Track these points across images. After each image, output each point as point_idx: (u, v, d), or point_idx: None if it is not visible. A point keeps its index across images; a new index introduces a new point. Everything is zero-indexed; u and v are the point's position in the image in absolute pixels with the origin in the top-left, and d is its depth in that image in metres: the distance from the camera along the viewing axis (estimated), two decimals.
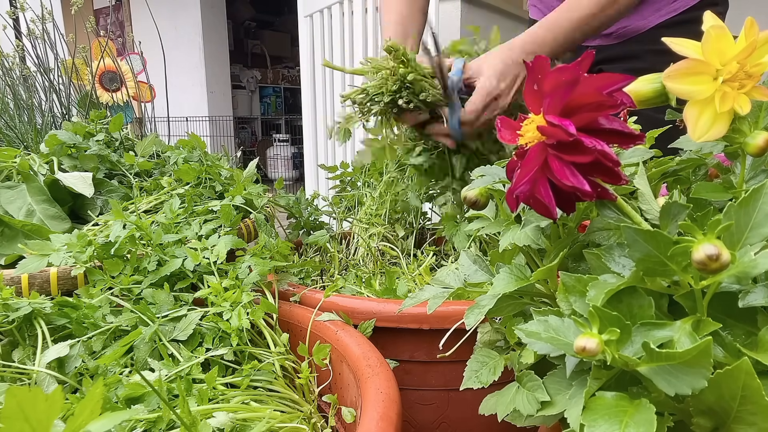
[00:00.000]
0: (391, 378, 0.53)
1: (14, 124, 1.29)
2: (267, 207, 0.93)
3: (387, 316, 0.67)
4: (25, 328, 0.58)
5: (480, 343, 0.50)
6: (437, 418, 0.71)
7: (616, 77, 0.31)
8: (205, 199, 0.89)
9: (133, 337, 0.58)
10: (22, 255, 0.68)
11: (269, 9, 6.74)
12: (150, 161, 0.98)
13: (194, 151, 1.02)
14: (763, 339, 0.28)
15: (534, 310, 0.35)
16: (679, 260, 0.28)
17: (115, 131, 1.00)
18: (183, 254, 0.69)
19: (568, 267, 0.41)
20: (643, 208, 0.37)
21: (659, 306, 0.32)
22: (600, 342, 0.28)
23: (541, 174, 0.33)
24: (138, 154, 0.99)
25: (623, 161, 0.39)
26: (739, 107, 0.31)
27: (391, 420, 0.45)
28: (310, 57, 2.90)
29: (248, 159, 1.09)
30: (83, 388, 0.54)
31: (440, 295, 0.45)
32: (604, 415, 0.28)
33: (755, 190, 0.29)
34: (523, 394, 0.38)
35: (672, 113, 0.42)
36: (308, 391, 0.62)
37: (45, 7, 1.49)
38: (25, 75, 1.51)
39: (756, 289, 0.29)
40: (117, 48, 1.66)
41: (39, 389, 0.25)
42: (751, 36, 0.31)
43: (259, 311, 0.63)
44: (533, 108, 0.33)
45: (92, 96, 1.46)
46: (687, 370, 0.27)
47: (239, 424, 0.50)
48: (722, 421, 0.28)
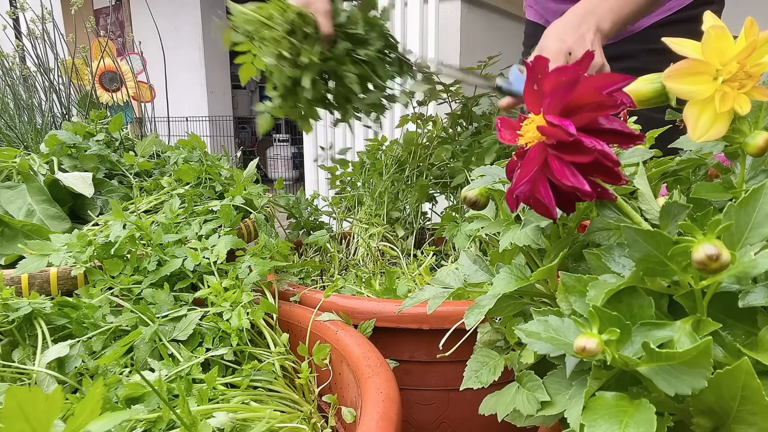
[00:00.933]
0: (391, 378, 0.53)
1: (14, 124, 1.29)
2: (267, 207, 0.93)
3: (387, 316, 0.67)
4: (25, 328, 0.58)
5: (480, 343, 0.50)
6: (437, 418, 0.71)
7: (616, 77, 0.31)
8: (205, 199, 0.89)
9: (133, 337, 0.58)
10: (22, 255, 0.68)
11: None
12: (150, 161, 0.98)
13: (194, 151, 1.02)
14: (763, 339, 0.28)
15: (534, 310, 0.35)
16: (679, 260, 0.28)
17: (115, 131, 1.00)
18: (183, 254, 0.69)
19: (568, 267, 0.41)
20: (643, 208, 0.37)
21: (659, 306, 0.32)
22: (600, 342, 0.28)
23: (541, 174, 0.33)
24: (138, 154, 0.99)
25: (623, 161, 0.39)
26: (739, 107, 0.31)
27: (391, 420, 0.45)
28: None
29: (248, 159, 1.09)
30: (83, 388, 0.54)
31: (440, 295, 0.45)
32: (604, 415, 0.28)
33: (755, 190, 0.29)
34: (523, 394, 0.38)
35: (672, 113, 0.42)
36: (308, 391, 0.62)
37: (45, 7, 1.49)
38: (25, 75, 1.51)
39: (756, 289, 0.29)
40: (117, 48, 1.66)
41: (39, 389, 0.25)
42: (751, 36, 0.31)
43: (259, 311, 0.63)
44: (533, 108, 0.33)
45: (92, 96, 1.46)
46: (687, 370, 0.27)
47: (239, 424, 0.50)
48: (722, 421, 0.28)
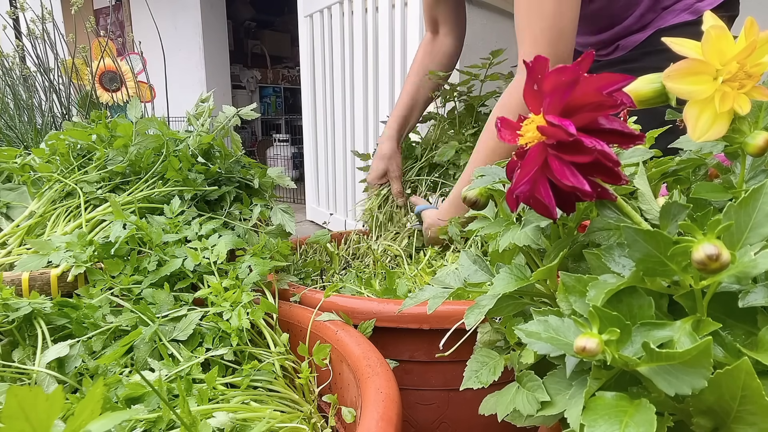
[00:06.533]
0: (391, 378, 0.53)
1: (14, 124, 1.29)
2: None
3: (387, 316, 0.67)
4: (25, 328, 0.58)
5: (480, 343, 0.50)
6: (437, 418, 0.71)
7: (616, 77, 0.31)
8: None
9: (133, 337, 0.58)
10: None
11: (269, 9, 6.74)
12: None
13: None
14: (763, 339, 0.28)
15: (534, 310, 0.35)
16: (679, 260, 0.28)
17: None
18: (183, 254, 0.69)
19: (568, 267, 0.41)
20: (643, 208, 0.37)
21: (659, 306, 0.32)
22: (600, 342, 0.28)
23: (541, 174, 0.33)
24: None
25: (623, 161, 0.39)
26: (739, 107, 0.31)
27: (391, 420, 0.45)
28: (310, 57, 2.90)
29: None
30: (83, 388, 0.54)
31: (440, 295, 0.45)
32: (604, 415, 0.28)
33: (755, 190, 0.29)
34: (523, 394, 0.38)
35: (672, 113, 0.42)
36: (308, 391, 0.62)
37: (45, 7, 1.49)
38: (25, 75, 1.51)
39: (756, 289, 0.29)
40: (117, 48, 1.66)
41: (39, 389, 0.25)
42: (751, 36, 0.31)
43: (259, 311, 0.63)
44: (533, 108, 0.33)
45: (92, 96, 1.46)
46: (687, 370, 0.27)
47: (239, 424, 0.50)
48: (722, 421, 0.28)
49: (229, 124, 0.87)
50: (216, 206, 0.83)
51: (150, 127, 0.81)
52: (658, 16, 0.98)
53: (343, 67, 2.58)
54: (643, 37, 0.99)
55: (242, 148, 0.89)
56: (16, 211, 0.78)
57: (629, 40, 1.02)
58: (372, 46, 2.30)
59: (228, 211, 0.82)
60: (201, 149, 0.82)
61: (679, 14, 0.96)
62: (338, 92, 2.66)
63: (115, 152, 0.80)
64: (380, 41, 2.22)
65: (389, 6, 2.13)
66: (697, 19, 0.94)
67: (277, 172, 0.89)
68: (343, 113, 2.65)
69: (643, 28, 0.99)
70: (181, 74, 4.60)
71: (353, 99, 2.53)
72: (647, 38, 0.99)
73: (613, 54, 1.06)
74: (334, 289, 0.72)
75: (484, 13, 1.94)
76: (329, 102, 2.79)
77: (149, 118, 0.81)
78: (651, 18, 0.98)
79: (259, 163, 0.90)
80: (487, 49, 1.11)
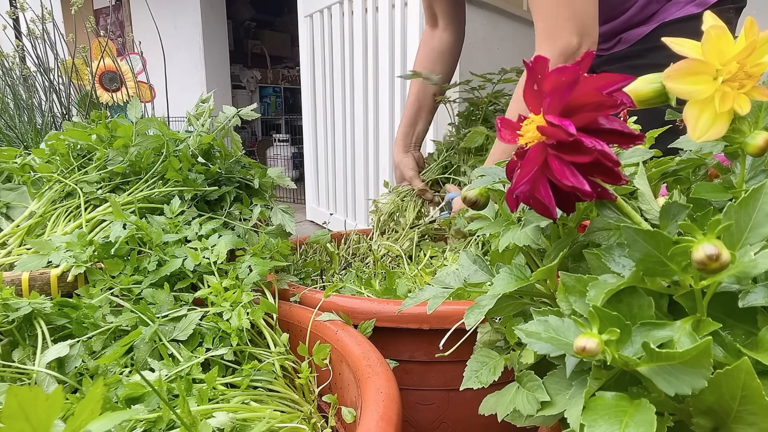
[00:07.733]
0: (391, 378, 0.53)
1: (14, 124, 1.29)
2: None
3: (387, 316, 0.67)
4: (25, 328, 0.58)
5: (480, 343, 0.50)
6: (437, 418, 0.71)
7: (616, 77, 0.31)
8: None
9: (133, 337, 0.57)
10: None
11: (269, 9, 6.74)
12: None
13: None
14: (763, 339, 0.28)
15: (534, 310, 0.35)
16: (679, 260, 0.28)
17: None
18: (183, 254, 0.69)
19: (568, 267, 0.41)
20: (643, 208, 0.37)
21: (659, 306, 0.32)
22: (600, 342, 0.28)
23: (541, 174, 0.33)
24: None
25: (623, 161, 0.39)
26: (739, 107, 0.31)
27: (391, 420, 0.45)
28: (310, 57, 2.90)
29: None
30: (83, 388, 0.54)
31: (440, 295, 0.45)
32: (604, 415, 0.28)
33: (755, 190, 0.29)
34: (523, 394, 0.38)
35: (672, 113, 0.42)
36: (308, 391, 0.62)
37: (45, 7, 1.49)
38: (25, 75, 1.51)
39: (756, 289, 0.29)
40: (117, 48, 1.66)
41: (39, 389, 0.25)
42: (751, 36, 0.31)
43: (259, 311, 0.63)
44: (533, 108, 0.33)
45: (92, 96, 1.46)
46: (687, 370, 0.27)
47: (239, 424, 0.50)
48: (722, 421, 0.28)
49: (229, 124, 0.87)
50: (216, 206, 0.83)
51: (150, 128, 0.81)
52: (662, 7, 0.95)
53: (343, 67, 2.58)
54: (647, 30, 0.96)
55: (242, 148, 0.89)
56: (16, 211, 0.78)
57: (632, 34, 0.99)
58: (372, 46, 2.30)
59: (228, 211, 0.82)
60: (201, 149, 0.82)
61: (684, 6, 0.93)
62: (338, 92, 2.66)
63: (115, 152, 0.80)
64: (380, 41, 2.22)
65: (389, 6, 2.13)
66: (702, 12, 0.93)
67: (277, 172, 0.90)
68: (343, 113, 2.65)
69: (647, 20, 0.96)
70: (181, 74, 4.60)
71: (353, 99, 2.53)
72: (651, 32, 0.96)
73: (615, 48, 1.03)
74: (334, 289, 0.72)
75: (484, 12, 1.94)
76: (329, 102, 2.79)
77: (149, 119, 0.81)
78: (654, 9, 0.95)
79: (259, 163, 0.90)
80: (488, 48, 1.11)
